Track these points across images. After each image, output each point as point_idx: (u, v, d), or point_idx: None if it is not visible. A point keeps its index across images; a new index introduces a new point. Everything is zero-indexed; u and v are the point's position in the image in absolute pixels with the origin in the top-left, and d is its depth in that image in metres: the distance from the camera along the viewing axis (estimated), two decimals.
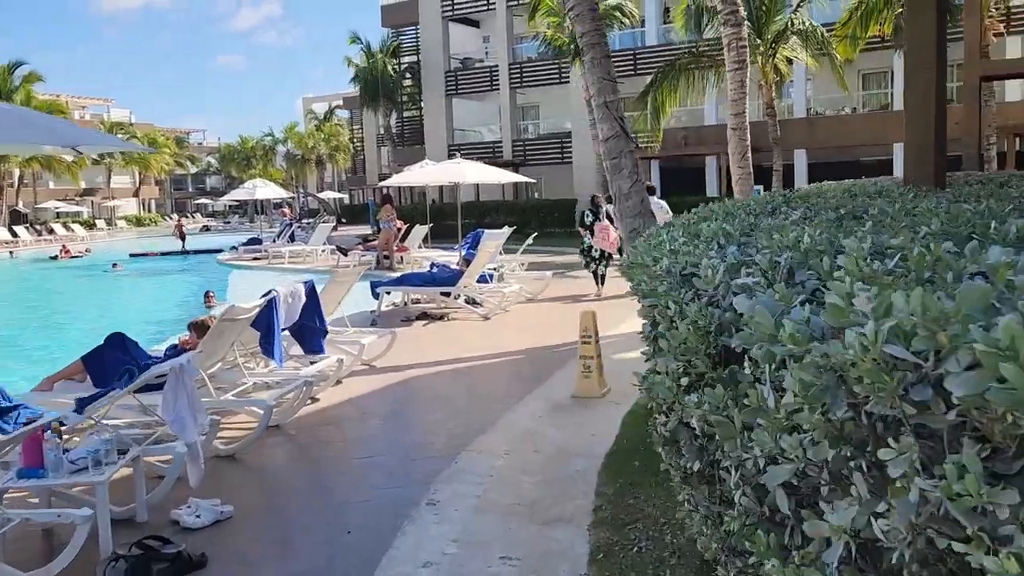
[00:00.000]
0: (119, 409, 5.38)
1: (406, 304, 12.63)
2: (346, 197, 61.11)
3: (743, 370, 1.91)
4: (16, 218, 50.77)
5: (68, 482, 4.15)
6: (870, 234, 2.21)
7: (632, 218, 5.90)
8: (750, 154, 10.73)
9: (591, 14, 5.94)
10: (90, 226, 56.83)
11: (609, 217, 13.08)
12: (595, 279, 13.59)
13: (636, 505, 4.39)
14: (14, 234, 45.28)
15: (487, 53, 38.69)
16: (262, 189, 29.18)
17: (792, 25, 20.54)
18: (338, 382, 7.62)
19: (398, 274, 16.37)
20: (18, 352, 13.62)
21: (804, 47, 21.35)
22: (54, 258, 32.52)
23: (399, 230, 20.70)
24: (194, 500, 4.55)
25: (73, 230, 51.05)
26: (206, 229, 59.24)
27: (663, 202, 14.62)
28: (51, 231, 49.61)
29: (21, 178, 53.98)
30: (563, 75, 33.58)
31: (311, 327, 7.19)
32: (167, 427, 4.84)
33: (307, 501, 4.96)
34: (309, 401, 6.81)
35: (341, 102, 65.96)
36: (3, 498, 4.13)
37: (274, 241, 27.07)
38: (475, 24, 38.87)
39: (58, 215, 57.94)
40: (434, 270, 13.38)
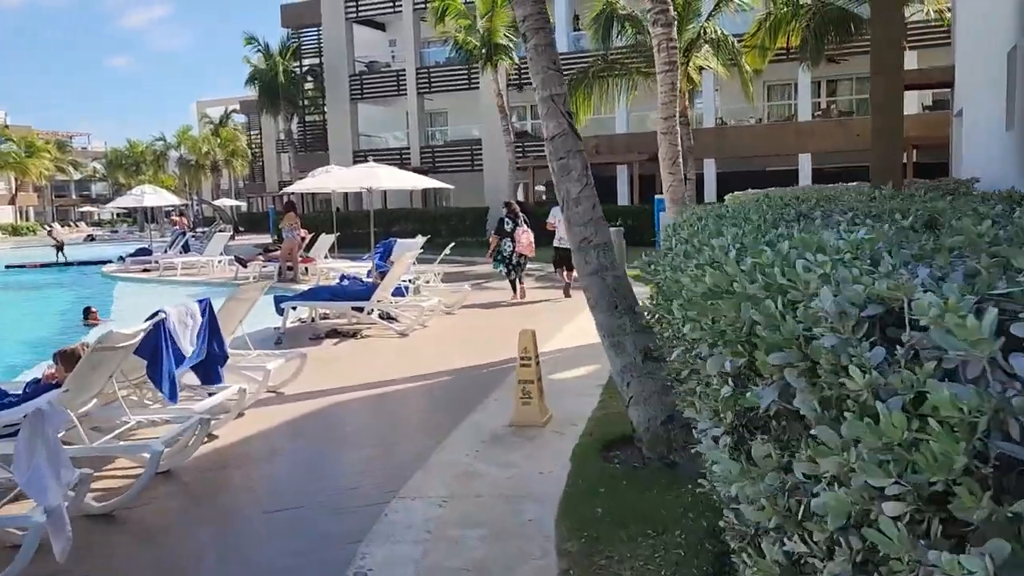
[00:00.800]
0: None
1: (314, 320, 11.62)
2: (244, 205, 58.54)
3: None
4: None
5: None
6: None
7: (582, 226, 5.22)
8: (681, 160, 10.30)
9: None
10: None
11: (526, 221, 14.06)
12: (512, 285, 13.92)
13: (609, 569, 3.68)
14: None
15: (393, 57, 37.62)
16: (151, 196, 27.11)
17: (705, 33, 20.49)
18: (240, 414, 6.65)
19: (304, 287, 15.29)
20: None
21: (716, 56, 21.35)
22: None
23: (303, 239, 19.53)
24: None
25: None
26: (91, 239, 55.51)
27: None
28: None
29: None
30: (472, 81, 32.94)
31: (209, 353, 6.21)
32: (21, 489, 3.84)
33: (203, 574, 4.04)
34: (206, 439, 5.84)
35: (238, 106, 63.25)
36: None
37: (165, 251, 25.28)
38: (381, 27, 37.74)
39: None
40: (345, 283, 12.43)
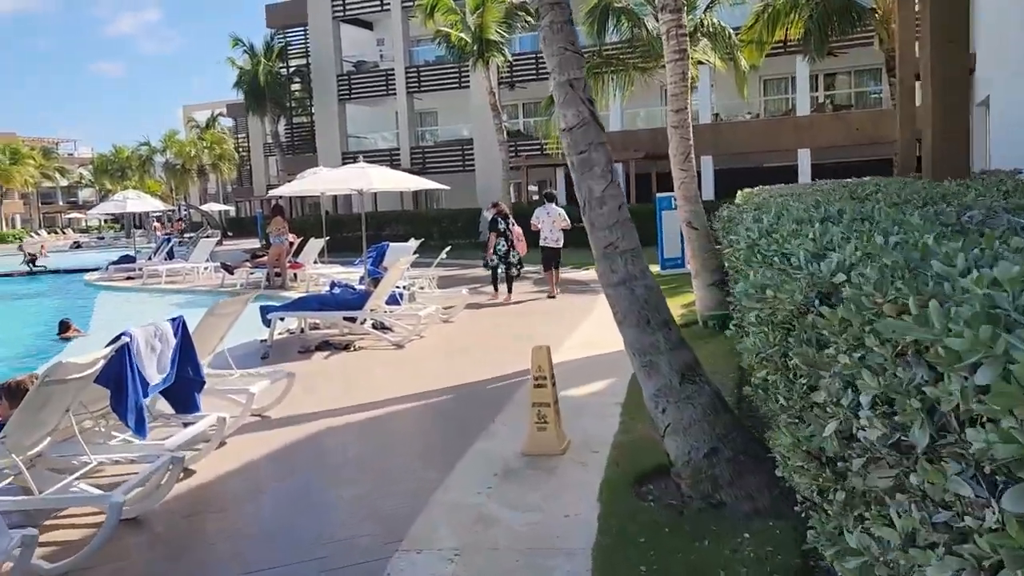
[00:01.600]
0: None
1: (303, 331, 10.93)
2: (232, 209, 57.62)
3: None
4: None
5: None
6: None
7: (607, 230, 4.56)
8: (693, 154, 9.64)
9: None
10: None
11: (513, 222, 14.16)
12: (508, 284, 13.86)
13: None
14: None
15: (382, 56, 36.85)
16: (134, 202, 26.31)
17: (703, 26, 19.85)
18: (222, 442, 5.96)
19: (293, 294, 14.59)
20: None
21: (714, 49, 20.71)
22: None
23: (291, 244, 18.80)
24: None
25: None
26: (77, 246, 54.56)
27: (561, 209, 14.27)
28: None
29: None
30: (463, 79, 32.28)
31: (183, 378, 5.51)
32: None
33: None
34: (181, 475, 5.15)
35: (225, 110, 62.38)
36: None
37: (150, 259, 24.50)
38: (368, 26, 36.98)
39: None
40: (336, 290, 11.74)
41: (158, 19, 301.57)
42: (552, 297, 13.80)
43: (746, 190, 10.73)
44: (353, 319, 10.36)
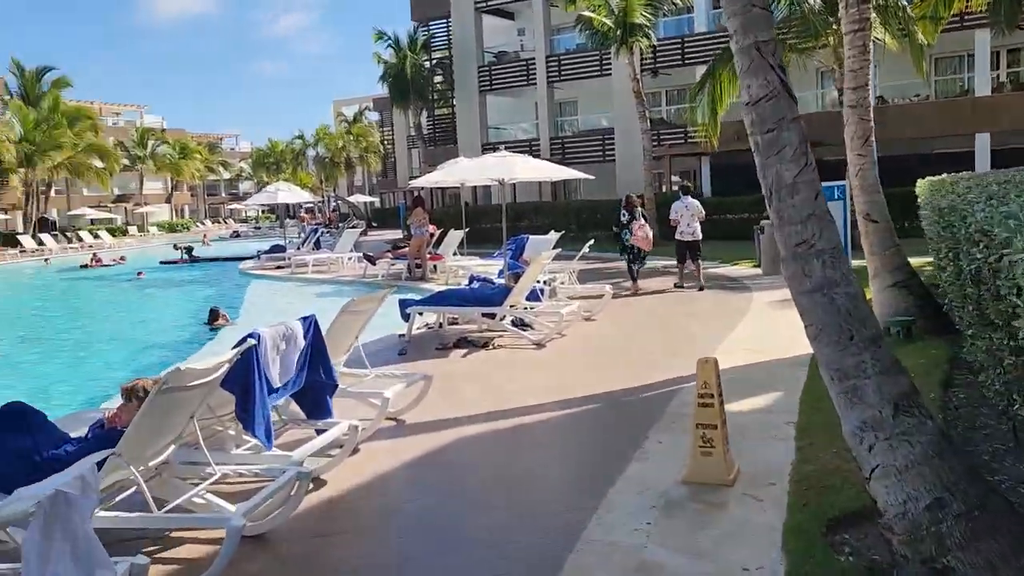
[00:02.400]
0: None
1: (441, 326, 10.59)
2: (377, 201, 59.34)
3: None
4: (44, 225, 49.59)
5: None
6: None
7: (799, 224, 3.77)
8: (873, 137, 8.50)
9: None
10: (122, 232, 55.77)
11: (644, 217, 13.98)
12: (631, 276, 13.74)
13: None
14: (40, 242, 44.04)
15: (522, 46, 36.50)
16: (284, 193, 27.23)
17: (873, 1, 18.07)
18: (355, 450, 5.58)
19: (433, 286, 14.39)
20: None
21: (884, 26, 18.86)
22: (84, 267, 31.07)
23: (432, 235, 18.70)
24: None
25: (100, 237, 49.85)
26: (236, 235, 58.01)
27: (696, 202, 14.13)
28: (79, 239, 48.43)
29: (50, 185, 52.88)
30: (604, 67, 31.40)
31: (314, 382, 5.14)
32: None
33: None
34: (311, 486, 4.77)
35: (371, 104, 64.40)
36: None
37: (298, 248, 25.27)
38: (510, 16, 36.72)
39: (92, 222, 56.85)
40: (475, 285, 11.31)
41: (314, 19, 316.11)
42: (701, 289, 13.48)
43: (928, 178, 9.46)
44: (492, 315, 9.89)
